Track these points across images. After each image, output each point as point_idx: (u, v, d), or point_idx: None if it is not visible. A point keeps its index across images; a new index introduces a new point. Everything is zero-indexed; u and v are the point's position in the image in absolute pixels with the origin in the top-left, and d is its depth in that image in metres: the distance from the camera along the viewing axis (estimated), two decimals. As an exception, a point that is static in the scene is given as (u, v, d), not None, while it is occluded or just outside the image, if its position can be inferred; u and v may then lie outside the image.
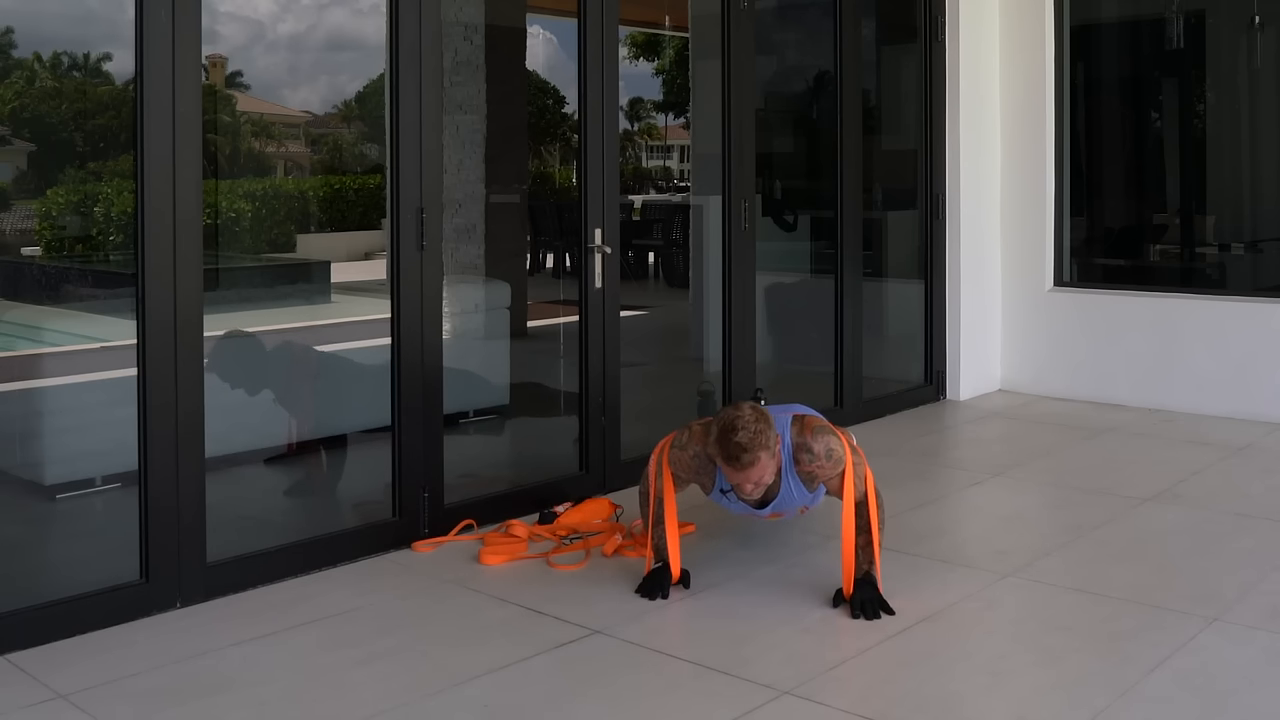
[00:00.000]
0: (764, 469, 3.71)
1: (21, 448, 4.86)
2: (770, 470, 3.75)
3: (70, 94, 6.18)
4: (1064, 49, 7.36)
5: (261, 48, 6.84)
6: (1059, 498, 5.27)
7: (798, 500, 4.00)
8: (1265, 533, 4.65)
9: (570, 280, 5.63)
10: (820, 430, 3.91)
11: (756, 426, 3.67)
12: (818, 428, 3.92)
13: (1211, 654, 3.52)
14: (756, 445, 3.66)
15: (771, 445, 3.70)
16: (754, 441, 3.65)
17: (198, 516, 3.96)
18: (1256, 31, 7.20)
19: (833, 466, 3.87)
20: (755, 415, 3.70)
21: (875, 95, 7.82)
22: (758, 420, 3.69)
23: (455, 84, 6.72)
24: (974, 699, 3.27)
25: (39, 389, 5.08)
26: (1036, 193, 7.35)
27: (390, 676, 3.40)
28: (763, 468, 3.70)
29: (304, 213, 7.44)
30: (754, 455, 3.66)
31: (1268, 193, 7.45)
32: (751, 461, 3.67)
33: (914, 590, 4.01)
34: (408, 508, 4.55)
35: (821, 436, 3.88)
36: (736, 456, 3.67)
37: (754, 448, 3.66)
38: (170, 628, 3.77)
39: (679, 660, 3.50)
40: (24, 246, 6.24)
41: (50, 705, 3.23)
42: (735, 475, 3.73)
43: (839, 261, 6.65)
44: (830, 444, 3.87)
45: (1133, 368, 6.96)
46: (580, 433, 5.25)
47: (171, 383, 3.89)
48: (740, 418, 3.69)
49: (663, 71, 16.72)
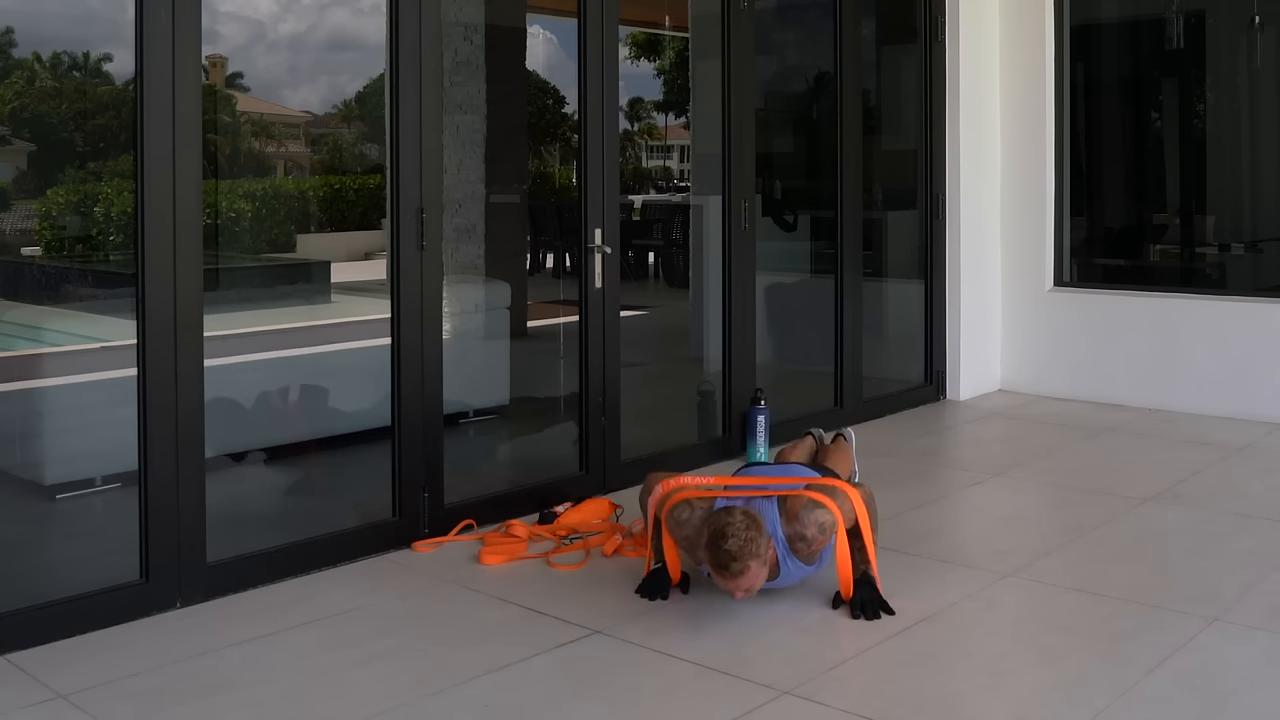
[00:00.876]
0: (755, 577, 3.62)
1: (21, 448, 4.87)
2: (761, 577, 3.65)
3: (70, 94, 6.18)
4: (1064, 49, 7.36)
5: (261, 48, 6.85)
6: (1059, 498, 5.27)
7: (799, 575, 3.90)
8: (1265, 533, 4.65)
9: (570, 280, 5.64)
10: (807, 508, 3.76)
11: (747, 534, 3.56)
12: (804, 506, 3.77)
13: (1211, 654, 3.52)
14: (746, 554, 3.56)
15: (762, 553, 3.61)
16: (744, 550, 3.55)
17: (198, 516, 3.96)
18: (1256, 31, 7.20)
19: (829, 537, 3.79)
20: (746, 522, 3.59)
21: (875, 95, 7.82)
22: (748, 527, 3.58)
23: (455, 84, 6.73)
24: (974, 699, 3.27)
25: (39, 389, 5.08)
26: (1036, 193, 7.35)
27: (390, 676, 3.40)
28: (753, 576, 3.61)
29: (304, 213, 7.45)
30: (744, 564, 3.57)
31: (1268, 193, 7.45)
32: (741, 570, 3.57)
33: (914, 590, 4.01)
34: (408, 508, 4.55)
35: (810, 515, 3.75)
36: (726, 565, 3.57)
37: (744, 556, 3.56)
38: (170, 628, 3.77)
39: (679, 660, 3.50)
40: (24, 246, 6.24)
41: (50, 705, 3.23)
42: (725, 582, 3.63)
43: (839, 261, 6.65)
44: (820, 519, 3.74)
45: (1133, 368, 6.96)
46: (580, 433, 5.25)
47: (171, 383, 3.89)
48: (731, 524, 3.58)
49: (663, 72, 16.72)
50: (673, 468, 5.50)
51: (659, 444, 5.72)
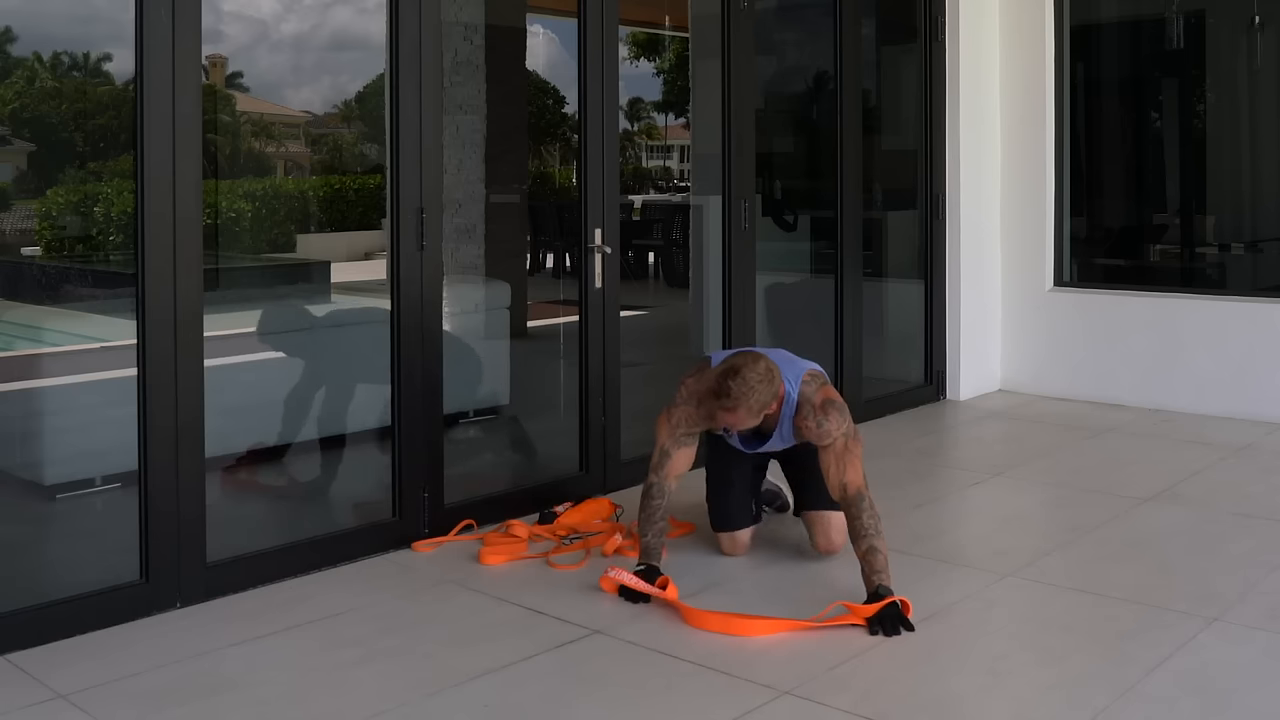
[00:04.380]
0: (739, 420, 3.92)
1: (21, 448, 4.86)
2: (745, 424, 3.96)
3: (70, 94, 6.18)
4: (1064, 49, 7.36)
5: (261, 48, 6.84)
6: (1059, 498, 5.27)
7: (782, 445, 4.23)
8: (1265, 533, 4.65)
9: (570, 280, 5.63)
10: (829, 405, 4.03)
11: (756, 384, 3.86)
12: (828, 402, 4.04)
13: (1211, 654, 3.52)
14: (742, 400, 3.85)
15: (757, 408, 3.89)
16: (742, 396, 3.84)
17: (198, 516, 3.96)
18: (1256, 31, 7.20)
19: (819, 432, 4.01)
20: (763, 376, 3.88)
21: (875, 95, 7.82)
22: (761, 380, 3.87)
23: (455, 84, 6.72)
24: (974, 699, 3.27)
25: (39, 389, 5.08)
26: (1036, 193, 7.35)
27: (390, 676, 3.40)
28: (738, 419, 3.91)
29: (304, 213, 7.45)
30: (734, 404, 3.86)
31: (1268, 193, 7.45)
32: (729, 408, 3.88)
33: (914, 590, 4.00)
34: (408, 508, 4.55)
35: (829, 412, 4.01)
36: (719, 395, 3.87)
37: (740, 400, 3.85)
38: (170, 628, 3.77)
39: (679, 660, 3.50)
40: (24, 246, 6.24)
41: (50, 705, 3.23)
42: (715, 406, 3.92)
43: (839, 261, 6.65)
44: (831, 420, 4.00)
45: (1133, 368, 6.96)
46: (580, 433, 5.24)
47: (171, 383, 3.89)
48: (748, 369, 3.87)
49: (663, 72, 16.70)
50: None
51: (659, 444, 5.70)
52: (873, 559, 3.81)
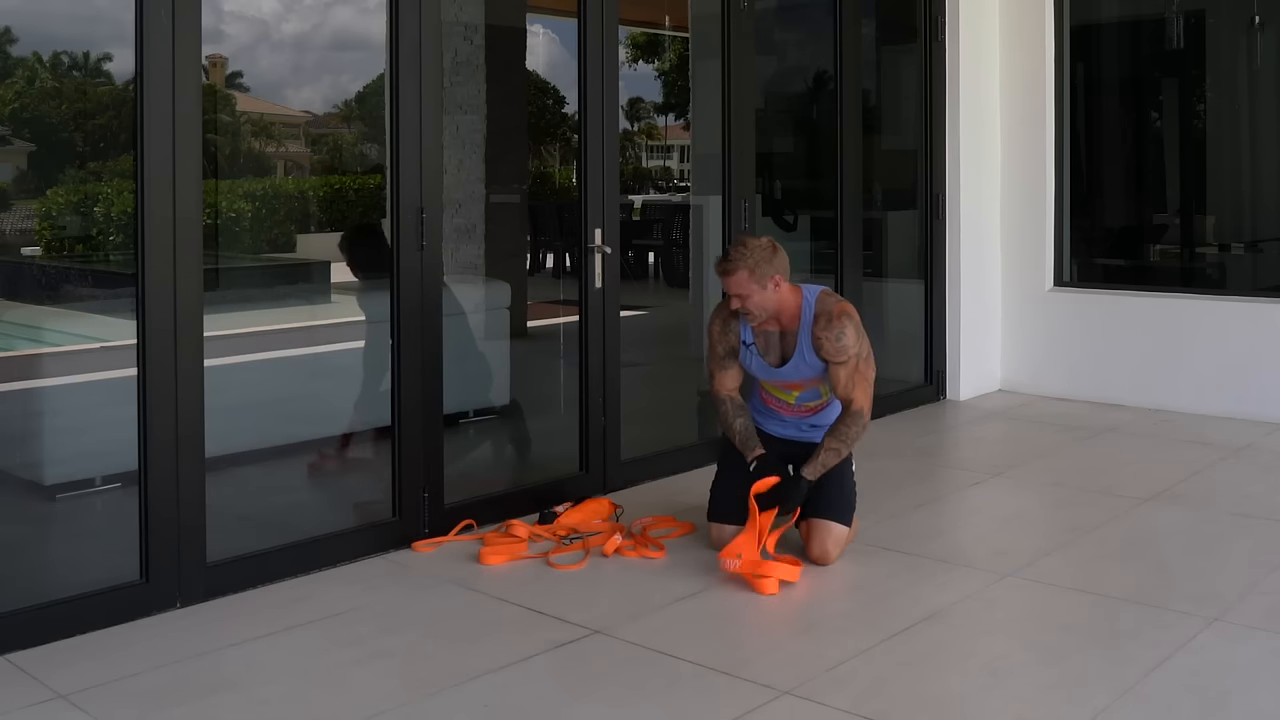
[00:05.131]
0: (741, 286, 4.12)
1: (21, 448, 4.86)
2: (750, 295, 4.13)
3: (70, 94, 6.17)
4: (1064, 49, 7.36)
5: (261, 47, 6.84)
6: (1059, 498, 5.27)
7: (808, 368, 4.28)
8: (1265, 533, 4.65)
9: (570, 280, 5.63)
10: (846, 318, 4.20)
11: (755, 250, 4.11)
12: (845, 314, 4.22)
13: (1211, 654, 3.52)
14: (740, 262, 4.09)
15: (759, 272, 4.10)
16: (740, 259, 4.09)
17: (198, 516, 3.96)
18: (1256, 31, 7.20)
19: (836, 347, 4.17)
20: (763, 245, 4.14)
21: (875, 95, 7.82)
22: (762, 249, 4.12)
23: (455, 84, 6.72)
24: (974, 699, 3.27)
25: (39, 389, 5.08)
26: (1036, 193, 7.35)
27: (390, 676, 3.40)
28: (739, 283, 4.12)
29: (304, 213, 7.44)
30: (733, 266, 4.10)
31: (1268, 193, 7.45)
32: (728, 271, 4.12)
33: (914, 590, 4.01)
34: (408, 508, 4.55)
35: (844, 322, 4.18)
36: (720, 259, 4.14)
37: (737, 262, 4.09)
38: (170, 628, 3.77)
39: (679, 660, 3.50)
40: (24, 246, 6.23)
41: (50, 705, 3.23)
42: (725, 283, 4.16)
43: (839, 261, 6.65)
44: (848, 335, 4.18)
45: (1133, 368, 6.96)
46: (580, 433, 5.24)
47: (171, 383, 3.89)
48: (750, 240, 4.18)
49: (664, 73, 16.69)
50: (673, 468, 5.54)
51: (659, 444, 5.71)
52: (823, 452, 4.16)
